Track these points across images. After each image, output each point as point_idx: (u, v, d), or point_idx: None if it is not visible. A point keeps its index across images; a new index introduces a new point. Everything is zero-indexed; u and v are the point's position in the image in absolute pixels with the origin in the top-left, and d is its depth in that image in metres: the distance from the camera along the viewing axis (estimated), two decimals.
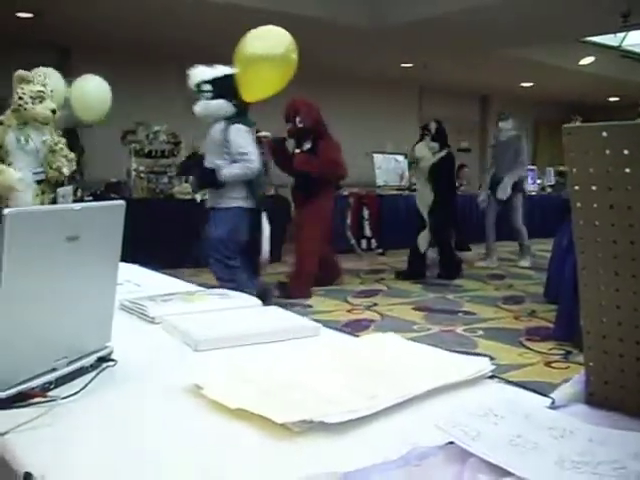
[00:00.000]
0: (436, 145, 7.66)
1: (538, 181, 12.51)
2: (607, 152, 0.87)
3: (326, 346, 1.32)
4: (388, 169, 10.96)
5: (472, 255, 9.41)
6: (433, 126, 7.78)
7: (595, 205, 0.90)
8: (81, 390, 1.03)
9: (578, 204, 0.93)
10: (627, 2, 7.73)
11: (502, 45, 10.16)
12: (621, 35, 11.18)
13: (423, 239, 7.69)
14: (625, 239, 0.89)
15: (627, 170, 0.86)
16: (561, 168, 11.29)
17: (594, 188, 0.90)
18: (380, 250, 9.88)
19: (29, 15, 8.33)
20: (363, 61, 11.21)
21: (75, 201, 5.09)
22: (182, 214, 7.90)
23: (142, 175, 8.35)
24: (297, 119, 6.61)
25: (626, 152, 0.85)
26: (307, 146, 6.65)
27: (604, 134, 0.87)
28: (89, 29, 9.01)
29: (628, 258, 0.90)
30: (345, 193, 9.71)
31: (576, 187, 0.92)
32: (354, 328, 5.22)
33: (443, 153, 7.68)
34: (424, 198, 7.71)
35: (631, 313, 0.92)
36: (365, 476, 0.77)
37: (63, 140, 4.75)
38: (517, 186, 8.58)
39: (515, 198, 8.62)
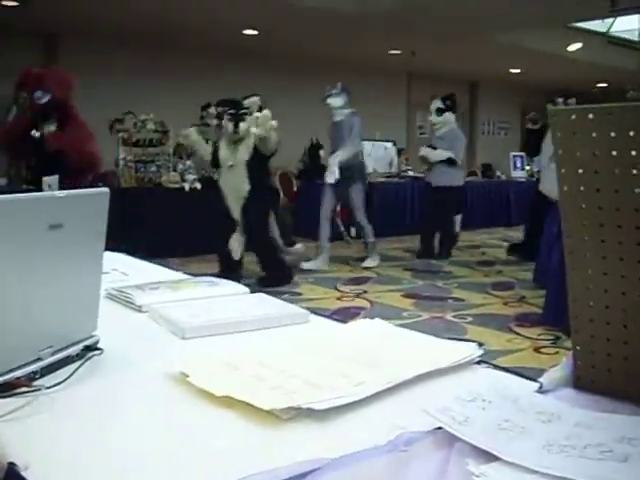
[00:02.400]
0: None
1: (527, 167, 12.53)
2: (593, 135, 0.86)
3: (314, 333, 1.32)
4: (377, 156, 10.96)
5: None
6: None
7: (582, 188, 0.90)
8: (66, 379, 1.02)
9: (565, 187, 0.92)
10: None
11: (490, 31, 10.14)
12: (609, 21, 11.18)
13: (235, 241, 6.41)
14: (612, 223, 0.89)
15: (613, 153, 0.85)
16: None
17: (580, 171, 0.89)
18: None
19: (15, 3, 8.25)
20: (350, 48, 11.16)
21: (62, 190, 5.06)
22: (171, 203, 7.88)
23: (130, 164, 8.31)
24: (38, 93, 5.33)
25: (612, 135, 0.85)
26: (51, 128, 5.41)
27: (590, 116, 0.86)
28: (76, 17, 8.92)
29: (615, 242, 0.90)
30: None
31: (562, 170, 0.91)
32: (343, 315, 5.21)
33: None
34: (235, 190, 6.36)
35: (618, 297, 0.92)
36: (353, 462, 0.76)
37: None
38: (355, 174, 7.40)
39: (353, 188, 7.45)
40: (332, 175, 7.25)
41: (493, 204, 11.91)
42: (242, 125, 6.22)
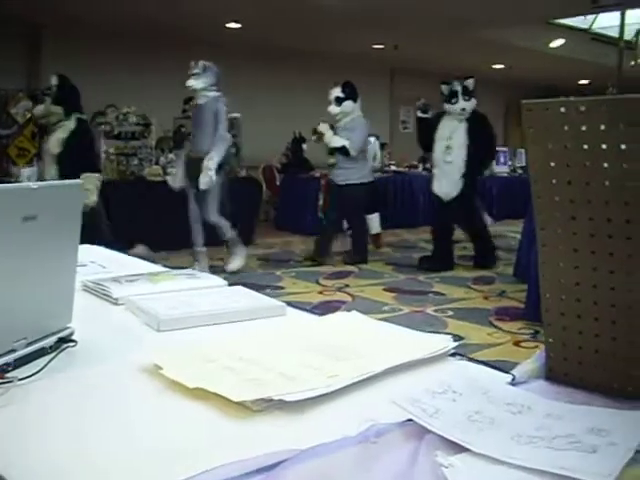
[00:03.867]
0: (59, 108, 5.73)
1: (509, 162, 12.58)
2: (565, 128, 0.87)
3: (290, 325, 1.32)
4: None
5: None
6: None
7: (554, 181, 0.90)
8: (39, 371, 1.01)
9: (537, 180, 0.93)
10: None
11: (473, 27, 10.16)
12: (591, 17, 11.23)
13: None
14: (584, 215, 0.90)
15: (585, 146, 0.86)
16: None
17: (553, 164, 0.90)
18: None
19: None
20: (334, 42, 11.16)
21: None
22: (153, 196, 7.84)
23: (112, 157, 8.28)
24: None
25: (584, 128, 0.85)
26: None
27: (562, 110, 0.87)
28: (59, 8, 8.86)
29: (587, 234, 0.90)
30: (317, 174, 9.70)
31: (535, 163, 0.92)
32: (325, 309, 5.21)
33: (72, 125, 5.68)
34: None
35: (590, 290, 0.93)
36: (322, 453, 0.77)
37: None
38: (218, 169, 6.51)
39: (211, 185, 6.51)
40: (209, 181, 6.33)
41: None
42: None
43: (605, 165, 0.85)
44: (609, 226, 0.88)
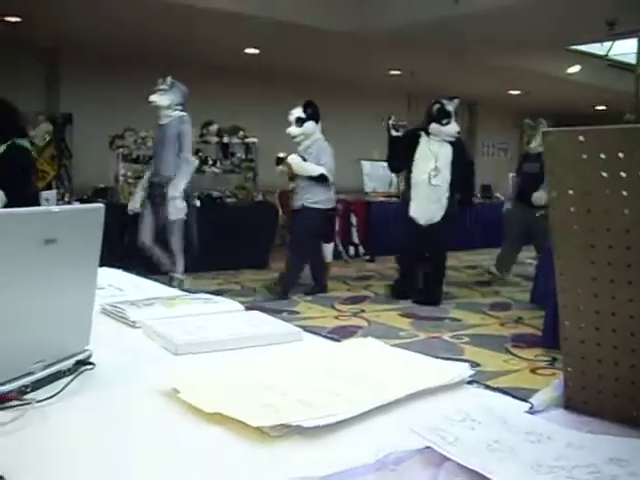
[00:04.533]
0: None
1: None
2: (584, 156, 0.87)
3: (307, 351, 1.32)
4: (376, 176, 11.01)
5: None
6: None
7: (573, 209, 0.90)
8: (57, 394, 1.02)
9: (556, 208, 0.93)
10: (613, 11, 7.78)
11: (490, 53, 10.20)
12: (607, 44, 11.25)
13: None
14: (603, 243, 0.89)
15: (604, 174, 0.86)
16: None
17: (571, 192, 0.90)
18: (368, 257, 9.89)
19: (18, 19, 8.30)
20: (350, 68, 11.23)
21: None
22: None
23: (130, 180, 8.34)
24: None
25: (602, 156, 0.85)
26: None
27: (581, 138, 0.87)
28: (78, 33, 8.98)
29: (605, 263, 0.90)
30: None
31: (554, 192, 0.92)
32: (341, 334, 5.21)
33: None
34: None
35: (609, 318, 0.92)
36: (342, 479, 0.76)
37: None
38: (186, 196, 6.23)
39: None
40: (178, 212, 5.99)
41: (491, 225, 11.92)
42: None
43: (624, 193, 0.85)
44: (628, 255, 0.87)
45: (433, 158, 6.55)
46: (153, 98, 6.17)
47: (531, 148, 7.61)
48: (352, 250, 9.90)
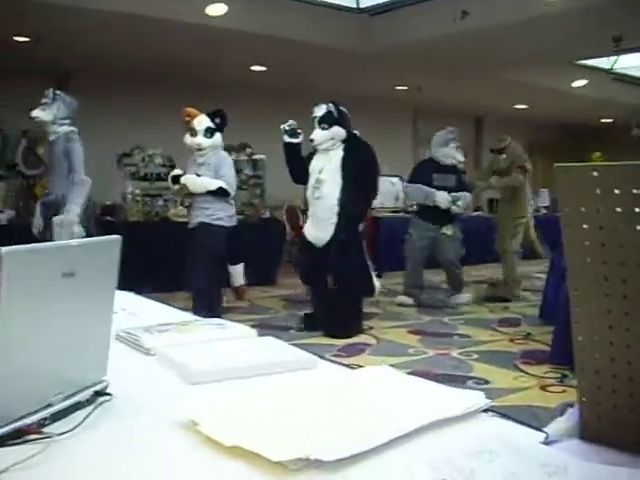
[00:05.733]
0: None
1: (531, 202, 12.53)
2: (597, 191, 0.88)
3: (322, 380, 1.32)
4: (384, 191, 10.96)
5: None
6: None
7: (587, 243, 0.92)
8: (77, 426, 1.03)
9: (570, 241, 0.94)
10: (619, 27, 7.82)
11: (496, 68, 10.24)
12: (613, 58, 11.28)
13: None
14: (617, 277, 0.90)
15: (618, 209, 0.87)
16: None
17: (585, 227, 0.91)
18: (376, 272, 9.87)
19: (26, 39, 8.37)
20: (357, 84, 11.27)
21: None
22: (177, 237, 7.90)
23: (137, 198, 8.37)
24: None
25: (617, 192, 0.87)
26: None
27: (594, 174, 0.88)
28: (87, 52, 9.05)
29: (620, 295, 0.91)
30: None
31: (568, 225, 0.93)
32: (349, 352, 5.21)
33: None
34: None
35: (624, 349, 0.93)
36: None
37: None
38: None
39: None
40: (76, 235, 5.29)
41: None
42: None
43: (639, 228, 0.86)
44: None
45: (319, 169, 5.87)
46: (35, 113, 5.58)
47: (439, 158, 7.49)
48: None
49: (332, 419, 1.04)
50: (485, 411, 1.15)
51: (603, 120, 15.41)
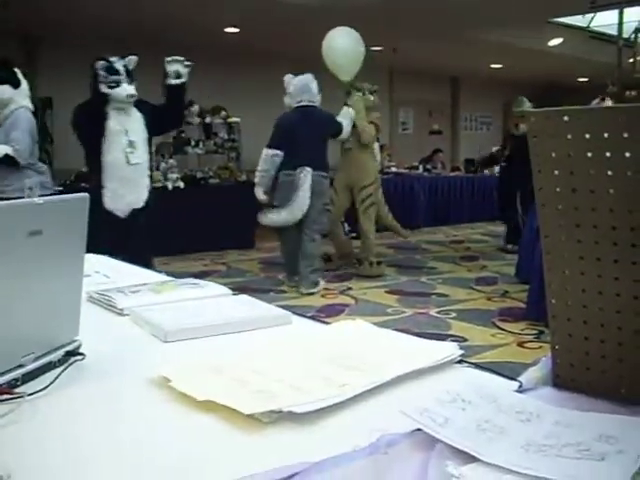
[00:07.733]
0: None
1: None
2: (569, 137, 0.87)
3: (297, 334, 1.32)
4: None
5: None
6: None
7: (558, 189, 0.91)
8: (48, 386, 1.02)
9: (541, 188, 0.93)
10: None
11: (471, 27, 10.17)
12: (589, 16, 11.25)
13: None
14: (588, 223, 0.90)
15: (588, 154, 0.86)
16: None
17: (556, 172, 0.90)
18: (354, 234, 9.88)
19: None
20: None
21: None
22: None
23: None
24: None
25: (587, 136, 0.86)
26: None
27: (565, 118, 0.87)
28: (54, 19, 8.88)
29: (592, 242, 0.91)
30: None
31: (539, 171, 0.92)
32: (328, 313, 5.23)
33: None
34: None
35: (595, 296, 0.93)
36: (333, 465, 0.77)
37: None
38: None
39: None
40: None
41: (476, 199, 11.97)
42: None
43: (609, 173, 0.85)
44: (614, 234, 0.88)
45: (123, 131, 5.08)
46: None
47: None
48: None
49: (306, 373, 1.04)
50: (460, 362, 1.15)
51: (580, 79, 15.41)
